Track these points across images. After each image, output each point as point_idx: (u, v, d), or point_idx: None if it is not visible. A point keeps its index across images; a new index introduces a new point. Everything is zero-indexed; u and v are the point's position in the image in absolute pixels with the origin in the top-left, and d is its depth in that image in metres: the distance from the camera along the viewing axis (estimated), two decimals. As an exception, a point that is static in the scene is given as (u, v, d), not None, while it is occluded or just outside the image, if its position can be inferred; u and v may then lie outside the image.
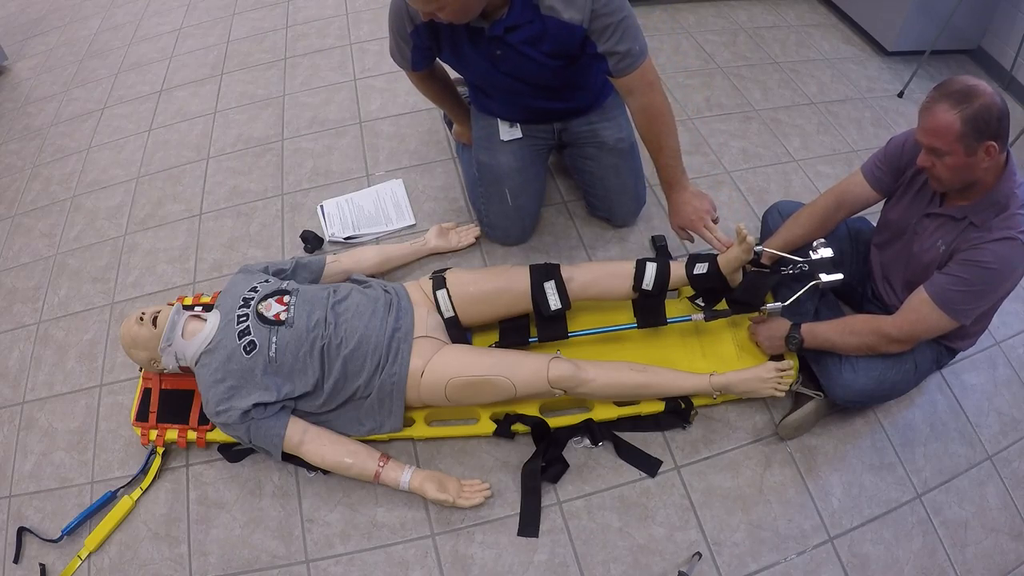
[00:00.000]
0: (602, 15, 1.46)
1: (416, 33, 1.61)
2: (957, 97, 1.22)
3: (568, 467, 1.56)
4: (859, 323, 1.49)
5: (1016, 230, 1.28)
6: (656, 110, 1.61)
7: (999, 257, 1.29)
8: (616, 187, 1.95)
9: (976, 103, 1.21)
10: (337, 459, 1.48)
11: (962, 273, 1.33)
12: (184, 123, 2.60)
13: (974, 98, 1.21)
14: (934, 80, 2.74)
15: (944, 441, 1.65)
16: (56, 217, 2.30)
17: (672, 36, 2.91)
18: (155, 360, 1.52)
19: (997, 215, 1.31)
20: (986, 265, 1.30)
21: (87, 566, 1.48)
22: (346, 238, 2.08)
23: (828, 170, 2.30)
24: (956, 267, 1.35)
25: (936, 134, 1.25)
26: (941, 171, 1.30)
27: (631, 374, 1.54)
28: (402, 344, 1.50)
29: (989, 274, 1.31)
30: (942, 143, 1.25)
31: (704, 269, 1.62)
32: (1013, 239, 1.28)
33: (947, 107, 1.23)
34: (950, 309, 1.35)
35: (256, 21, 3.11)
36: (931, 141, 1.27)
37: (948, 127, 1.23)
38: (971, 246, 1.33)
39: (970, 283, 1.32)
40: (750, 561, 1.45)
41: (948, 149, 1.25)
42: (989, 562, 1.47)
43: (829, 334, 1.51)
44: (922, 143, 1.30)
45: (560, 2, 1.45)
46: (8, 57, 3.14)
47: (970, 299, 1.34)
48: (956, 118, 1.22)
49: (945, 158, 1.27)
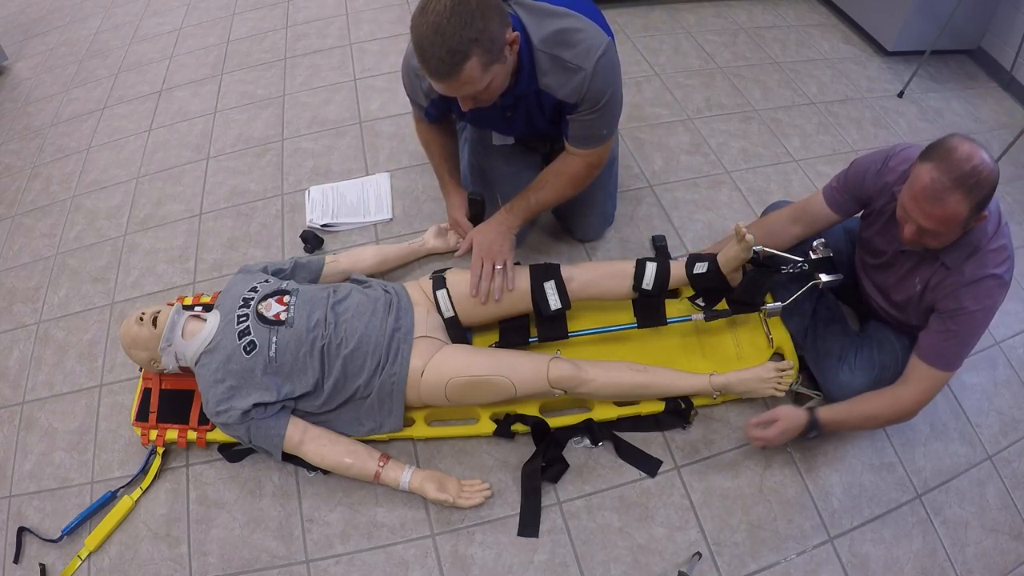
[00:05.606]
0: (589, 99, 1.45)
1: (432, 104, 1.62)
2: (967, 184, 1.15)
3: (568, 467, 1.56)
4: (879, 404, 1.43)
5: (987, 269, 1.27)
6: (572, 178, 1.63)
7: (978, 299, 1.29)
8: (580, 199, 1.83)
9: (986, 186, 1.15)
10: (337, 459, 1.48)
11: (950, 327, 1.33)
12: (184, 123, 2.60)
13: (982, 181, 1.15)
14: (934, 80, 2.75)
15: (944, 441, 1.65)
16: (56, 217, 2.30)
17: (672, 36, 2.91)
18: (155, 360, 1.52)
19: (968, 257, 1.29)
20: (969, 311, 1.30)
21: (87, 566, 1.48)
22: (323, 225, 2.10)
23: (828, 170, 2.30)
24: (941, 324, 1.34)
25: (943, 222, 1.20)
26: (930, 243, 1.29)
27: (631, 374, 1.54)
28: (402, 344, 1.50)
29: (974, 318, 1.31)
30: (945, 228, 1.21)
31: (704, 269, 1.62)
32: (985, 278, 1.27)
33: (960, 197, 1.16)
34: (949, 365, 1.36)
35: (256, 21, 3.11)
36: (934, 226, 1.22)
37: (957, 217, 1.18)
38: (947, 294, 1.32)
39: (960, 334, 1.33)
40: (750, 561, 1.45)
41: (948, 231, 1.23)
42: (989, 562, 1.47)
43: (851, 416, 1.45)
44: (919, 224, 1.24)
45: (556, 82, 1.44)
46: (8, 57, 3.13)
47: (965, 348, 1.35)
48: (967, 208, 1.17)
49: (941, 236, 1.25)
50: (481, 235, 1.64)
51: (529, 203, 1.65)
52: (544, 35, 1.39)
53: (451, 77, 1.26)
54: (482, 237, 1.64)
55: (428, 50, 1.23)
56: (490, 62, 1.27)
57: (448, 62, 1.23)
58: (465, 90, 1.31)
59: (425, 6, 1.22)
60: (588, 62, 1.40)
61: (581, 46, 1.40)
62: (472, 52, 1.22)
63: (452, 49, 1.21)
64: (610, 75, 1.45)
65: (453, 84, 1.28)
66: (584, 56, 1.40)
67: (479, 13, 1.21)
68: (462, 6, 1.20)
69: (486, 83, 1.30)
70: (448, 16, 1.19)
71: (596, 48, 1.40)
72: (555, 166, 1.64)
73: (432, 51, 1.22)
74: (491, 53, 1.26)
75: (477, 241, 1.63)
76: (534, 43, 1.40)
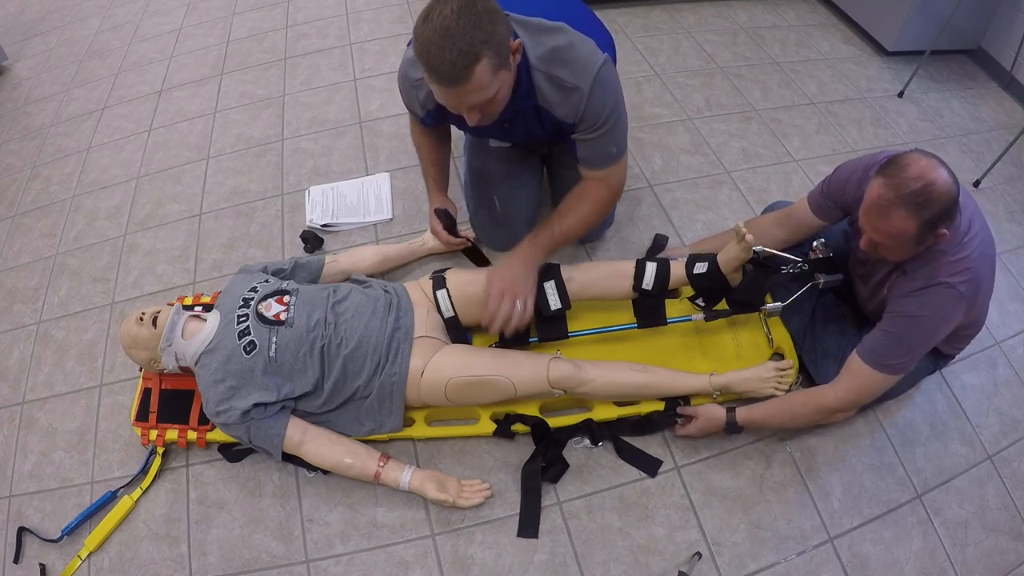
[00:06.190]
0: (588, 117, 1.43)
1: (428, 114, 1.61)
2: (915, 201, 1.15)
3: (568, 467, 1.56)
4: (798, 403, 1.47)
5: (939, 277, 1.26)
6: (595, 202, 1.58)
7: (924, 305, 1.28)
8: None
9: (935, 206, 1.15)
10: (337, 459, 1.48)
11: (890, 328, 1.33)
12: (184, 123, 2.60)
13: (932, 200, 1.14)
14: (934, 80, 2.75)
15: (944, 441, 1.65)
16: (56, 217, 2.30)
17: (672, 36, 2.91)
18: (155, 360, 1.52)
19: (924, 264, 1.29)
20: (911, 315, 1.29)
21: (87, 566, 1.47)
22: (323, 225, 2.11)
23: (828, 170, 2.25)
24: (883, 323, 1.34)
25: (890, 236, 1.22)
26: (886, 255, 1.29)
27: (631, 374, 1.54)
28: (402, 344, 1.50)
29: (915, 323, 1.30)
30: (894, 243, 1.23)
31: (704, 268, 1.62)
32: (936, 285, 1.26)
33: (905, 214, 1.16)
34: (884, 366, 1.34)
35: (256, 21, 3.11)
36: (883, 240, 1.24)
37: (904, 232, 1.19)
38: (896, 296, 1.33)
39: (899, 337, 1.32)
40: (750, 561, 1.45)
41: (899, 246, 1.23)
42: (989, 562, 1.47)
43: (769, 416, 1.49)
44: (871, 237, 1.26)
45: (554, 100, 1.42)
46: (8, 57, 3.13)
47: (902, 352, 1.33)
48: (913, 225, 1.17)
49: (894, 250, 1.26)
50: (504, 270, 1.52)
51: (553, 233, 1.57)
52: (540, 53, 1.36)
53: (462, 81, 1.22)
54: (505, 272, 1.52)
55: (437, 55, 1.19)
56: (499, 66, 1.25)
57: (459, 64, 1.19)
58: (473, 98, 1.27)
59: (428, 13, 1.20)
60: (585, 80, 1.37)
61: (576, 63, 1.37)
62: (483, 54, 1.20)
63: (463, 51, 1.18)
64: (608, 92, 1.42)
65: (463, 89, 1.24)
66: (580, 74, 1.37)
67: (487, 16, 1.20)
68: (469, 9, 1.18)
69: (494, 91, 1.28)
70: (456, 19, 1.17)
71: (592, 65, 1.37)
72: (577, 190, 1.59)
73: (441, 55, 1.19)
74: (500, 57, 1.24)
75: (499, 275, 1.51)
76: (531, 61, 1.38)
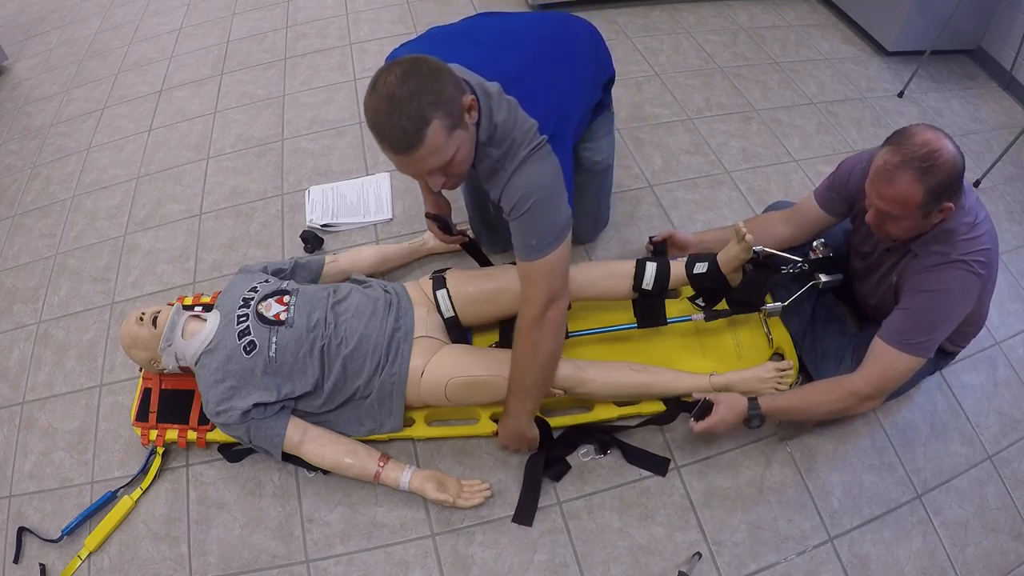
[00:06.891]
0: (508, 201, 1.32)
1: None
2: (921, 166, 1.17)
3: (570, 468, 1.56)
4: (824, 389, 1.43)
5: (954, 254, 1.26)
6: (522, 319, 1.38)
7: (940, 279, 1.28)
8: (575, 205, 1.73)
9: (941, 173, 1.16)
10: (337, 459, 1.48)
11: (909, 305, 1.32)
12: (184, 123, 2.60)
13: (938, 166, 1.16)
14: (934, 80, 2.75)
15: (944, 441, 1.65)
16: (56, 217, 2.30)
17: (672, 36, 2.91)
18: (155, 360, 1.52)
19: (936, 243, 1.29)
20: (929, 289, 1.29)
21: (87, 566, 1.48)
22: (323, 225, 2.11)
23: (828, 170, 2.26)
24: (902, 303, 1.34)
25: (895, 203, 1.22)
26: (891, 230, 1.29)
27: (631, 374, 1.54)
28: (402, 344, 1.50)
29: (934, 297, 1.29)
30: (900, 211, 1.22)
31: (704, 268, 1.62)
32: (952, 262, 1.27)
33: (910, 178, 1.18)
34: (908, 345, 1.32)
35: (256, 21, 3.11)
36: (888, 208, 1.24)
37: (909, 199, 1.19)
38: (911, 275, 1.32)
39: (919, 313, 1.31)
40: (750, 561, 1.45)
41: (905, 215, 1.23)
42: (989, 562, 1.47)
43: (795, 403, 1.45)
44: (876, 206, 1.26)
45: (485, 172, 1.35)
46: (8, 57, 3.13)
47: (924, 329, 1.31)
48: (919, 190, 1.18)
49: (900, 221, 1.25)
50: (506, 433, 1.52)
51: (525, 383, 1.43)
52: (484, 124, 1.27)
53: (415, 147, 1.14)
54: (507, 436, 1.52)
55: (386, 123, 1.13)
56: (452, 126, 1.16)
57: (409, 130, 1.12)
58: (431, 162, 1.18)
59: (375, 84, 1.15)
60: (511, 163, 1.28)
61: (506, 143, 1.28)
62: (432, 116, 1.12)
63: (411, 116, 1.11)
64: (534, 178, 1.29)
65: (418, 155, 1.16)
66: (507, 155, 1.29)
67: (432, 77, 1.14)
68: (413, 72, 1.13)
69: (451, 152, 1.19)
70: (401, 84, 1.12)
71: (523, 146, 1.27)
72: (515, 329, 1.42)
73: (390, 122, 1.12)
74: (452, 116, 1.15)
75: (503, 441, 1.54)
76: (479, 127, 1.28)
